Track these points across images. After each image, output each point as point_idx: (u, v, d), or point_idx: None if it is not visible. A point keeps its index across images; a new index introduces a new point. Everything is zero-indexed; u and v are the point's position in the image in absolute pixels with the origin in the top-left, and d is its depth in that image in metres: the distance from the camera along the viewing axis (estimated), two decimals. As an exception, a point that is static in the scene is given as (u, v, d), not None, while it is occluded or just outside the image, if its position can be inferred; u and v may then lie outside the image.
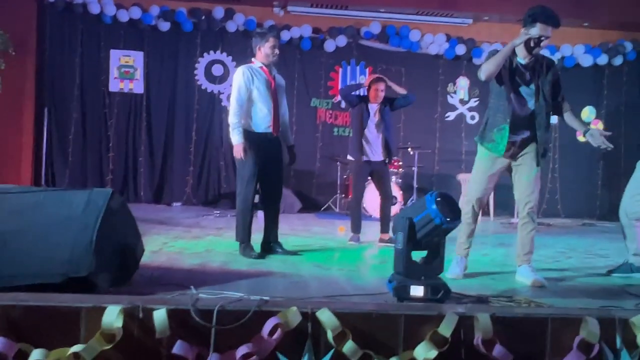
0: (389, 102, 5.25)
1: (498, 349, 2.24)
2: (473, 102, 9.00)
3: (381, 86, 5.14)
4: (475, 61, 8.59)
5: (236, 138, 4.08)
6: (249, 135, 4.13)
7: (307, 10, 8.54)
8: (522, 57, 3.50)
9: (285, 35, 8.48)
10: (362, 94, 5.27)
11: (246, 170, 4.13)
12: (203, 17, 8.41)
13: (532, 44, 3.40)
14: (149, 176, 8.50)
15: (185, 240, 4.82)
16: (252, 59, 4.29)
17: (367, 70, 8.83)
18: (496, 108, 3.54)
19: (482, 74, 3.45)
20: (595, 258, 4.78)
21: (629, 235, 3.91)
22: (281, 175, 4.36)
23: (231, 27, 8.49)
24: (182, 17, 8.35)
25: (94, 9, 8.10)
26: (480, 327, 2.24)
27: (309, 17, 8.62)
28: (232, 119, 4.10)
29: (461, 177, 7.88)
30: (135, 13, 8.22)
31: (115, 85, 8.42)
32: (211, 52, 8.58)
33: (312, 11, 8.56)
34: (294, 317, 2.17)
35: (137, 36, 8.41)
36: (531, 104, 3.50)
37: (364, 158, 5.17)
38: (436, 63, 8.92)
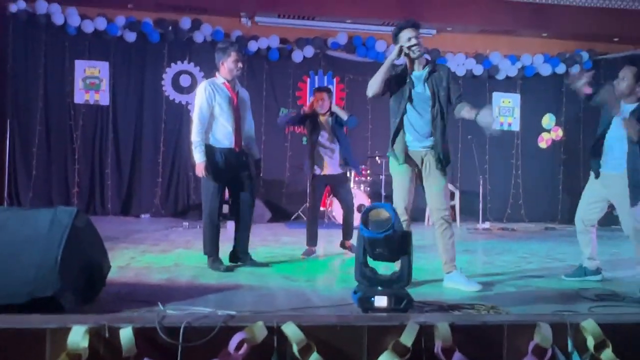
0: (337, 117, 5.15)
1: (457, 357, 2.32)
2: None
3: (322, 95, 5.08)
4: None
5: (198, 156, 4.09)
6: (212, 151, 4.15)
7: (275, 21, 8.61)
8: (413, 69, 3.66)
9: (253, 46, 8.53)
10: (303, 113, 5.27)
11: (210, 186, 4.15)
12: (170, 28, 8.39)
13: (406, 52, 3.56)
14: (116, 188, 8.40)
15: (154, 255, 4.80)
16: (216, 73, 4.32)
17: (335, 80, 8.94)
18: (398, 119, 3.65)
19: (368, 92, 3.61)
20: (554, 262, 4.96)
21: (584, 240, 4.08)
22: (252, 186, 4.33)
23: (198, 37, 8.48)
24: (148, 27, 8.32)
25: (58, 19, 8.01)
26: (440, 336, 2.32)
27: (276, 28, 8.70)
28: (194, 137, 4.12)
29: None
30: (101, 24, 8.15)
31: (81, 96, 8.32)
32: (179, 62, 8.57)
33: (279, 22, 8.64)
34: (259, 331, 2.22)
35: (103, 47, 8.32)
36: (428, 111, 3.63)
37: (318, 172, 5.14)
38: (402, 73, 9.08)
